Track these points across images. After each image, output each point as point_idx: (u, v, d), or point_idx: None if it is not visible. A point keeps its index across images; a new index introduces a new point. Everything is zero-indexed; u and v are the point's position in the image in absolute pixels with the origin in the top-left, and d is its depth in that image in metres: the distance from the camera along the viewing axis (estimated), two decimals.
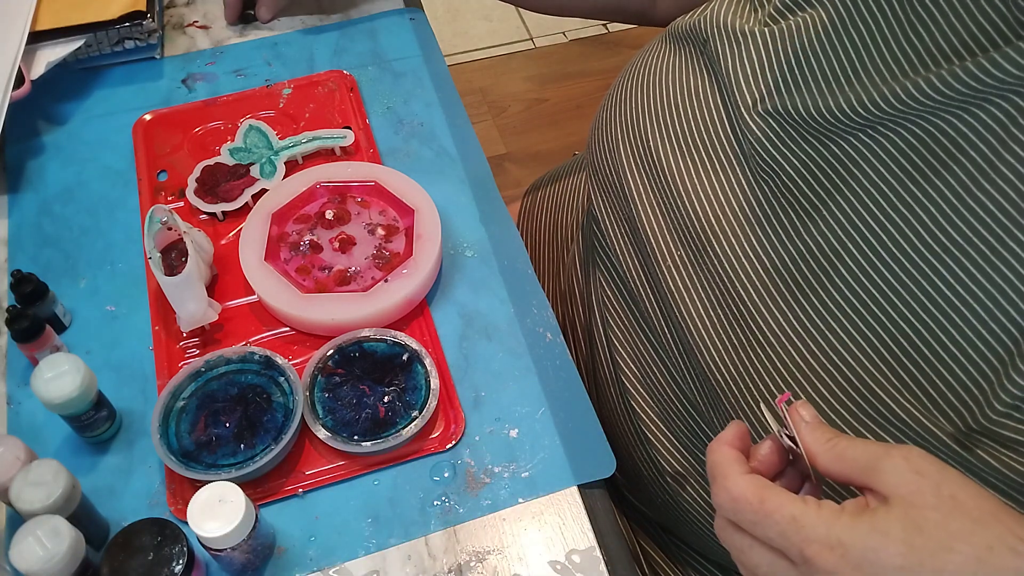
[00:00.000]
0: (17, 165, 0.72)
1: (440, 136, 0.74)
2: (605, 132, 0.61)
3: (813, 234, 0.46)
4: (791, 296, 0.47)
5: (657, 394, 0.59)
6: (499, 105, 1.89)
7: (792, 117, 0.47)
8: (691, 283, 0.53)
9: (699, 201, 0.52)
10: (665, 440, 0.59)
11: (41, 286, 0.59)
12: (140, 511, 0.54)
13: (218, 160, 0.70)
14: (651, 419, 0.60)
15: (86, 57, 0.78)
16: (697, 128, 0.53)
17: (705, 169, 0.52)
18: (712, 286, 0.51)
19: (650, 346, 0.59)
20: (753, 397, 0.48)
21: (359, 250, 0.65)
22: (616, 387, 0.63)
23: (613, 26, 2.07)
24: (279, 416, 0.56)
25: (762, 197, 0.49)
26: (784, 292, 0.47)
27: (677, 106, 0.55)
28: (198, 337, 0.62)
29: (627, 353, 0.62)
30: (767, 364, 0.47)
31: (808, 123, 0.46)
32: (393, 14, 0.84)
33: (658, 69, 0.58)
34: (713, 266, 0.51)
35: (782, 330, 0.47)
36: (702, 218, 0.52)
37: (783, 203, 0.48)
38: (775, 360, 0.47)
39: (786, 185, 0.48)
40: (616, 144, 0.59)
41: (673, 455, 0.58)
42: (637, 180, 0.57)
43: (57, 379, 0.51)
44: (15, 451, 0.50)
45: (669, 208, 0.54)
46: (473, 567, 0.52)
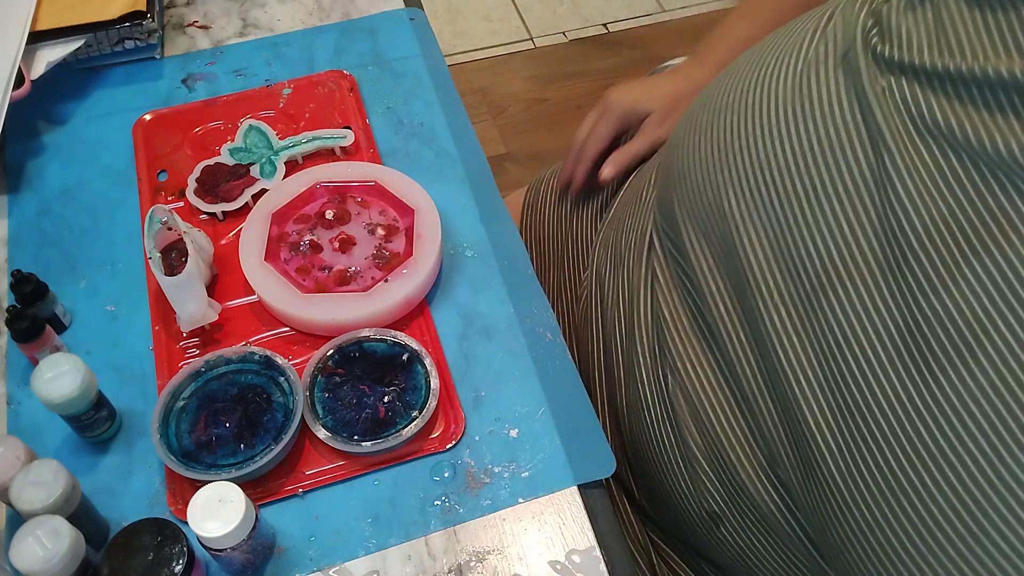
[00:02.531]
0: (17, 165, 0.72)
1: (440, 136, 0.74)
2: (701, 137, 0.53)
3: (954, 295, 0.38)
4: (915, 368, 0.40)
5: (715, 431, 0.53)
6: (499, 105, 1.89)
7: (960, 143, 0.39)
8: (795, 329, 0.45)
9: (820, 237, 0.44)
10: (709, 480, 0.54)
11: (41, 286, 0.59)
12: (140, 511, 0.54)
13: (218, 160, 0.70)
14: (701, 454, 0.55)
15: (86, 57, 0.78)
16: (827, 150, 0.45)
17: (830, 200, 0.44)
18: (820, 338, 0.44)
19: (725, 382, 0.52)
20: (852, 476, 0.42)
21: (359, 250, 0.65)
22: (663, 407, 0.57)
23: (613, 26, 2.07)
24: (279, 416, 0.56)
25: (894, 244, 0.41)
26: (907, 362, 0.40)
27: (800, 118, 0.46)
28: (198, 337, 0.62)
29: (689, 379, 0.55)
30: (879, 441, 0.41)
31: (977, 153, 0.38)
32: (393, 14, 0.84)
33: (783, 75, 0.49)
34: (825, 316, 0.44)
35: (902, 407, 0.40)
36: (822, 257, 0.44)
37: (919, 254, 0.40)
38: (890, 438, 0.40)
39: (927, 232, 0.40)
40: (715, 152, 0.51)
41: (714, 496, 0.54)
42: (741, 199, 0.49)
43: (57, 379, 0.51)
44: (15, 451, 0.50)
45: (779, 238, 0.46)
46: (473, 567, 0.52)
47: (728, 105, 0.52)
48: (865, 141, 0.43)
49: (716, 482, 0.54)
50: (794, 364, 0.45)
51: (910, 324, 0.40)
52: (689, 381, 0.54)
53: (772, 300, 0.47)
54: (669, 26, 2.07)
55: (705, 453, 0.54)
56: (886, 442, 0.40)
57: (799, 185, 0.45)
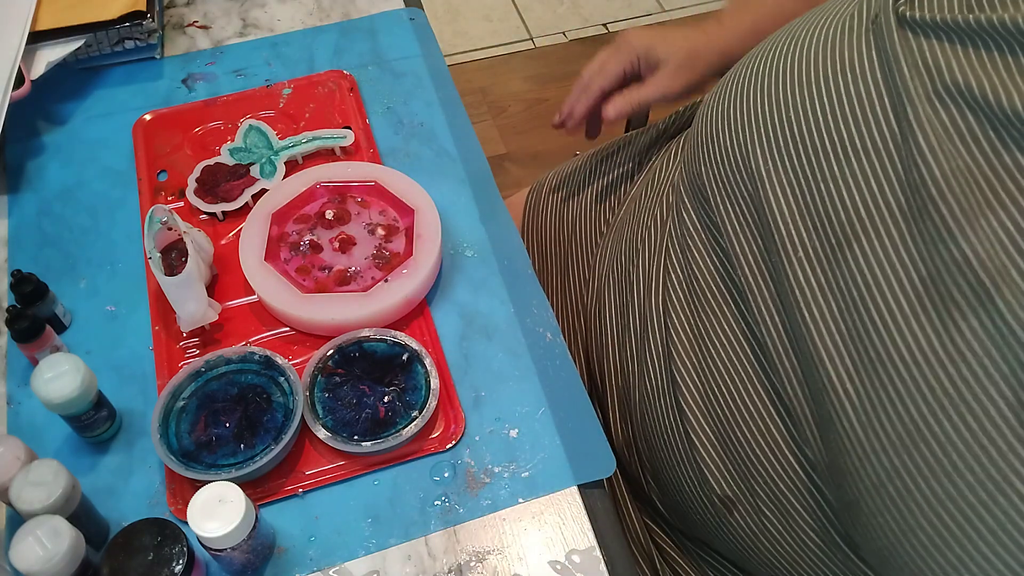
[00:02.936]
0: (17, 165, 0.72)
1: (440, 136, 0.74)
2: (732, 103, 0.55)
3: (973, 243, 0.40)
4: (936, 316, 0.41)
5: (734, 400, 0.54)
6: (499, 105, 1.89)
7: (978, 101, 0.41)
8: (819, 283, 0.47)
9: (846, 190, 0.46)
10: (721, 462, 0.55)
11: (41, 286, 0.59)
12: (140, 511, 0.54)
13: (218, 160, 0.70)
14: (714, 435, 0.55)
15: (86, 57, 0.78)
16: (856, 108, 0.47)
17: (857, 155, 0.46)
18: (844, 291, 0.45)
19: (749, 347, 0.53)
20: (872, 426, 0.43)
21: (359, 250, 0.65)
22: (670, 395, 0.58)
23: (613, 26, 2.07)
24: (279, 416, 0.56)
25: (916, 195, 0.43)
26: (929, 310, 0.41)
27: (830, 79, 0.49)
28: (198, 337, 0.62)
29: (690, 357, 0.57)
30: (899, 390, 0.42)
31: (993, 111, 0.40)
32: (393, 14, 0.84)
33: (815, 40, 0.51)
34: (849, 268, 0.45)
35: (923, 355, 0.41)
36: (847, 209, 0.46)
37: (939, 204, 0.41)
38: (910, 386, 0.41)
39: (948, 183, 0.41)
40: (747, 116, 0.53)
41: (727, 479, 0.55)
42: (770, 158, 0.51)
43: (57, 379, 0.51)
44: (15, 451, 0.50)
45: (806, 194, 0.48)
46: (473, 567, 0.52)
47: (759, 71, 0.54)
48: (890, 99, 0.45)
49: (728, 463, 0.54)
50: (816, 318, 0.46)
51: (931, 272, 0.41)
52: (690, 356, 0.56)
53: (797, 255, 0.48)
54: (669, 26, 2.07)
55: (719, 432, 0.55)
56: (907, 391, 0.41)
57: (827, 142, 0.47)
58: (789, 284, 0.48)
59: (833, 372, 0.45)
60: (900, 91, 0.45)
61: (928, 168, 0.42)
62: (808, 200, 0.48)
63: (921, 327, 0.41)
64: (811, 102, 0.49)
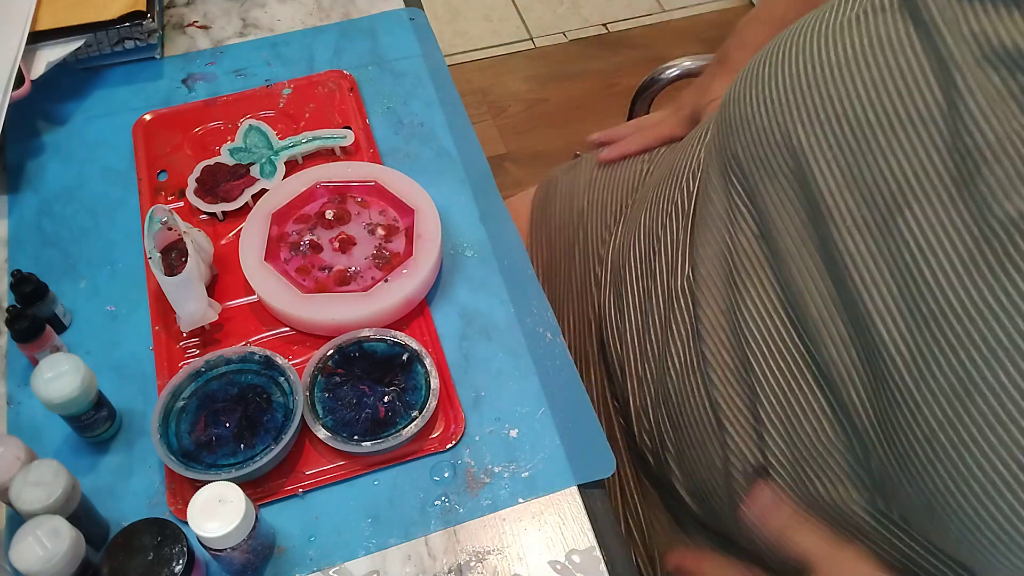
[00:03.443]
0: (17, 165, 0.72)
1: (440, 136, 0.74)
2: (764, 85, 0.56)
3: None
4: (989, 271, 0.42)
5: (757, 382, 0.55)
6: (499, 105, 1.89)
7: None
8: (870, 250, 0.48)
9: (894, 160, 0.47)
10: (753, 434, 0.56)
11: (41, 286, 0.59)
12: (140, 511, 0.54)
13: (218, 160, 0.70)
14: (739, 414, 0.56)
15: (86, 57, 0.78)
16: (898, 81, 0.48)
17: (903, 126, 0.47)
18: (896, 255, 0.47)
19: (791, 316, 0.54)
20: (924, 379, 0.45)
21: (359, 250, 0.65)
22: (699, 372, 0.59)
23: (613, 26, 2.07)
24: (279, 416, 0.56)
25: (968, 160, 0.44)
26: (982, 266, 0.43)
27: (867, 54, 0.50)
28: (198, 337, 0.62)
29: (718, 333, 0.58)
30: (952, 343, 0.43)
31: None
32: (393, 14, 0.84)
33: (842, 21, 0.53)
34: (900, 233, 0.47)
35: (976, 309, 0.42)
36: (896, 179, 0.47)
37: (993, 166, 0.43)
38: (963, 339, 0.43)
39: (1002, 146, 0.43)
40: (782, 96, 0.54)
41: (760, 451, 0.55)
42: (812, 134, 0.52)
43: (57, 379, 0.51)
44: (15, 451, 0.50)
45: (853, 167, 0.49)
46: (473, 567, 0.52)
47: (788, 54, 0.55)
48: (933, 70, 0.46)
49: (763, 434, 0.55)
50: (868, 283, 0.48)
51: (984, 231, 0.43)
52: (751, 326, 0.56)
53: (846, 224, 0.49)
54: (669, 26, 2.07)
55: (751, 404, 0.56)
56: (960, 343, 0.43)
57: (871, 115, 0.49)
58: (838, 252, 0.50)
59: (885, 331, 0.46)
60: (946, 60, 0.46)
61: (981, 132, 0.43)
62: (855, 172, 0.49)
63: (974, 282, 0.43)
64: (851, 77, 0.50)
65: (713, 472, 0.58)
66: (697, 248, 0.61)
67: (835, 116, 0.51)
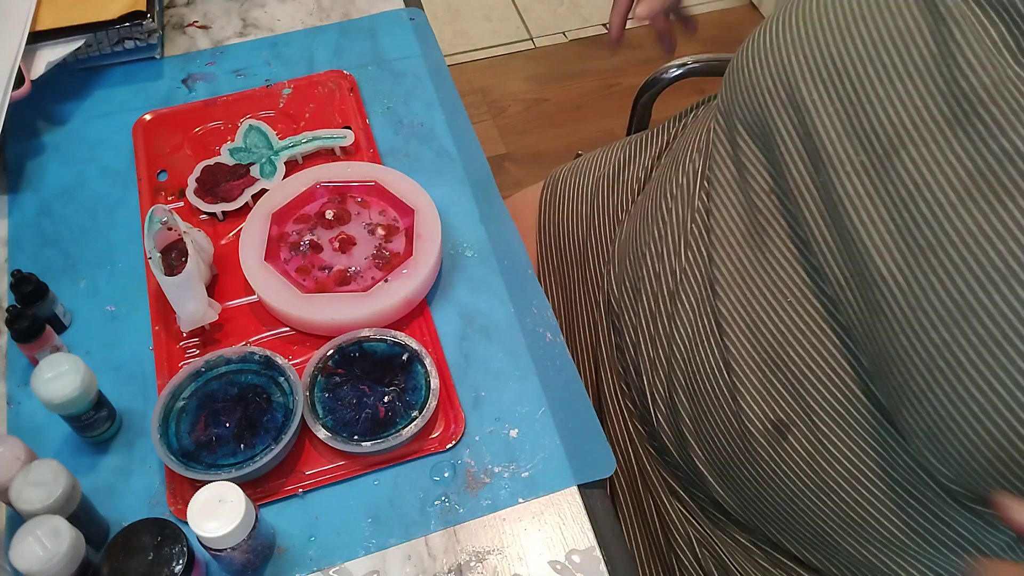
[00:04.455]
0: (17, 165, 0.72)
1: (440, 136, 0.74)
2: (769, 51, 0.59)
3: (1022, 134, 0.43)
4: (984, 201, 0.44)
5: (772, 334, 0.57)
6: (499, 105, 1.89)
7: (1020, 13, 0.44)
8: (867, 191, 0.51)
9: (892, 108, 0.50)
10: (770, 389, 0.57)
11: (41, 286, 0.59)
12: (140, 511, 0.54)
13: (218, 160, 0.70)
14: (754, 369, 0.58)
15: (86, 57, 0.78)
16: (896, 37, 0.51)
17: (900, 78, 0.50)
18: (892, 193, 0.49)
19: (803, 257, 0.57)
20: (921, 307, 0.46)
21: (359, 250, 0.65)
22: (712, 332, 0.61)
23: None
24: (279, 416, 0.56)
25: (963, 103, 0.46)
26: (977, 197, 0.44)
27: (866, 15, 0.53)
28: (198, 337, 0.62)
29: (734, 290, 0.60)
30: (948, 269, 0.45)
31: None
32: (393, 14, 0.84)
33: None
34: (897, 173, 0.49)
35: (971, 236, 0.44)
36: (893, 124, 0.50)
37: (989, 106, 0.45)
38: (959, 265, 0.44)
39: (997, 88, 0.45)
40: (787, 57, 0.57)
41: (778, 404, 0.57)
42: (814, 89, 0.55)
43: (57, 379, 0.51)
44: (15, 451, 0.50)
45: (852, 117, 0.52)
46: (473, 567, 0.52)
47: (790, 20, 0.58)
48: (930, 26, 0.49)
49: (779, 387, 0.57)
50: (865, 221, 0.50)
51: (978, 165, 0.44)
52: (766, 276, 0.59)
53: (845, 169, 0.52)
54: None
55: (766, 359, 0.57)
56: (956, 269, 0.44)
57: (871, 69, 0.52)
58: (838, 195, 0.52)
59: (883, 265, 0.49)
60: (944, 16, 0.48)
61: (976, 77, 0.45)
62: (855, 122, 0.52)
63: (969, 212, 0.44)
64: (851, 37, 0.53)
65: (731, 436, 0.59)
66: (712, 211, 0.63)
67: (836, 72, 0.54)
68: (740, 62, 0.62)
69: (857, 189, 0.52)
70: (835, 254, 0.53)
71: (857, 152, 0.52)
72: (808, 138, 0.55)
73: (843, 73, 0.54)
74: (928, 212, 0.47)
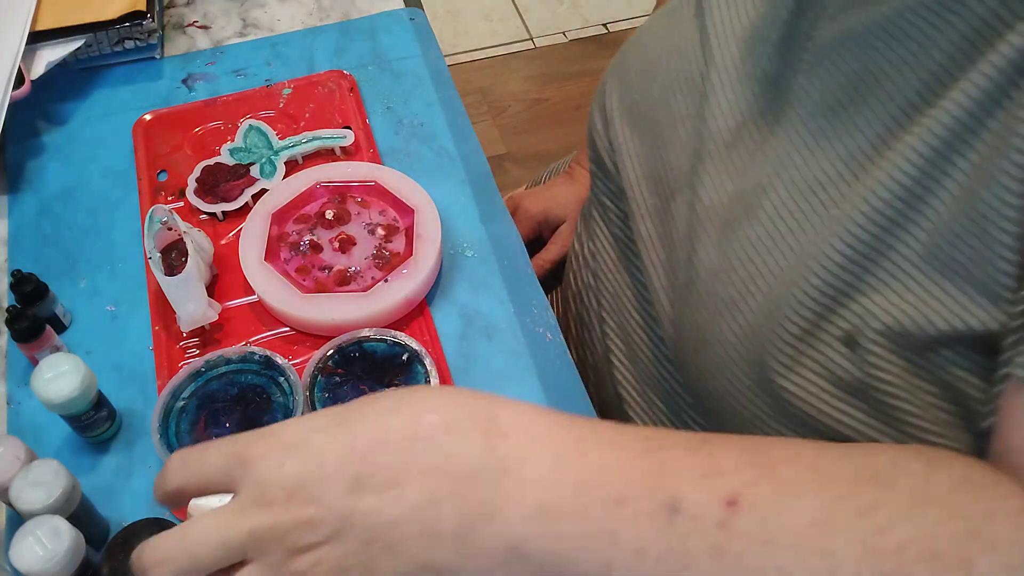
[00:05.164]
0: (17, 165, 0.72)
1: (440, 136, 0.74)
2: (604, 93, 0.63)
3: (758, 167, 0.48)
4: (721, 237, 0.49)
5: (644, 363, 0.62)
6: (499, 105, 1.89)
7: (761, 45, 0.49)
8: (654, 234, 0.57)
9: (671, 150, 0.55)
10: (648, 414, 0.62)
11: (41, 286, 0.59)
12: (140, 511, 0.54)
13: (218, 160, 0.70)
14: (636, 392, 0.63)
15: (86, 57, 0.78)
16: (679, 83, 0.55)
17: (681, 117, 0.54)
18: (666, 237, 0.55)
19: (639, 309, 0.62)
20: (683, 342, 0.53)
21: (359, 250, 0.65)
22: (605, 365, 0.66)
23: (613, 26, 2.07)
24: (279, 416, 0.56)
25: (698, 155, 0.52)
26: (713, 233, 0.49)
27: (662, 64, 0.57)
28: (198, 337, 0.62)
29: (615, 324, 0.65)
30: (694, 304, 0.50)
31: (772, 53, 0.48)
32: (393, 14, 0.84)
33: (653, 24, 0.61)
34: (672, 217, 0.54)
35: (709, 271, 0.49)
36: (673, 168, 0.54)
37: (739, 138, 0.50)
38: (703, 299, 0.50)
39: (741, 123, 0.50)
40: (611, 93, 0.61)
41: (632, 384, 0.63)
42: (622, 129, 0.60)
43: (57, 379, 0.51)
44: (15, 451, 0.50)
45: (647, 163, 0.57)
46: None
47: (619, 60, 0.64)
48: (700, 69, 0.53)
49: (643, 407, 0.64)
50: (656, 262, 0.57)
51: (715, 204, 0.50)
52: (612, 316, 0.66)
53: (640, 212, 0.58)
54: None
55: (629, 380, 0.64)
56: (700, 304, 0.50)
57: (663, 113, 0.56)
58: (638, 235, 0.58)
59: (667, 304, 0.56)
60: (708, 58, 0.53)
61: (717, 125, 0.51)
62: (649, 165, 0.57)
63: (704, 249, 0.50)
64: (651, 81, 0.57)
65: None
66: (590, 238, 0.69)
67: (639, 115, 0.58)
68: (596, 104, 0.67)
69: (650, 231, 0.57)
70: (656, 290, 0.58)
71: (652, 195, 0.56)
72: (619, 183, 0.60)
73: (642, 116, 0.57)
74: (682, 255, 0.51)
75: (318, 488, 0.35)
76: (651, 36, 0.60)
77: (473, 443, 0.36)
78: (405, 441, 0.35)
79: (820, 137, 0.45)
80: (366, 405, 0.37)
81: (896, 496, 0.35)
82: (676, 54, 0.56)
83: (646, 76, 0.58)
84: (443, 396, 0.38)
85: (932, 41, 0.40)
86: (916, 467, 0.36)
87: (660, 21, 0.60)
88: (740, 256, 0.47)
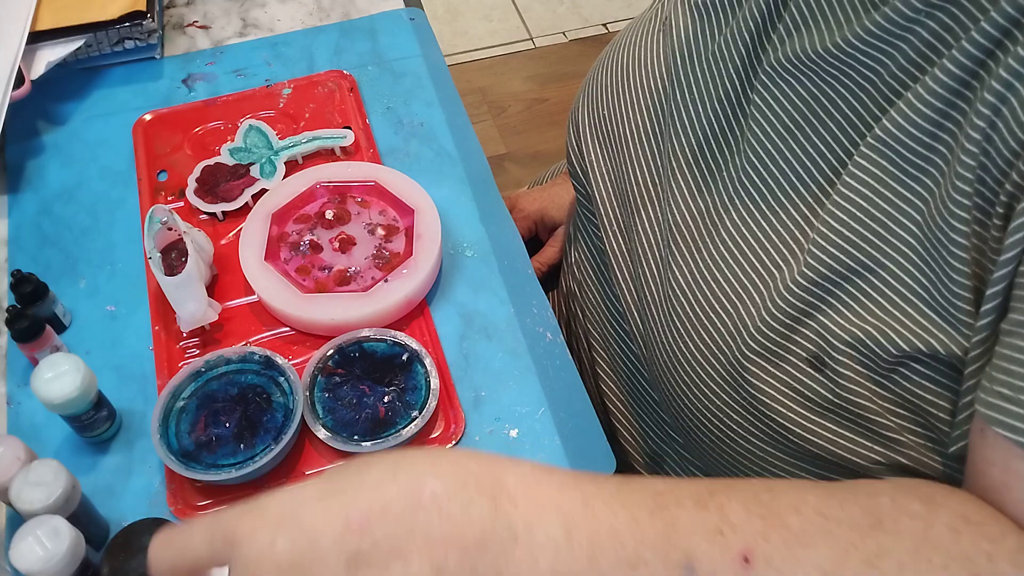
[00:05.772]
0: (17, 165, 0.72)
1: (440, 136, 0.74)
2: (577, 111, 0.64)
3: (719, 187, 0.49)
4: (694, 247, 0.49)
5: (624, 376, 0.62)
6: (499, 105, 1.89)
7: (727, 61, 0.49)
8: (622, 250, 0.58)
9: (637, 166, 0.55)
10: (633, 426, 0.62)
11: (41, 286, 0.59)
12: (140, 511, 0.54)
13: (218, 160, 0.70)
14: (620, 404, 0.64)
15: (86, 57, 0.78)
16: (645, 99, 0.55)
17: (647, 133, 0.55)
18: (632, 253, 0.55)
19: (614, 322, 0.63)
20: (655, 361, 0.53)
21: (359, 250, 0.65)
22: (592, 377, 0.65)
23: (613, 26, 2.07)
24: (279, 416, 0.56)
25: (665, 172, 0.53)
26: (684, 245, 0.50)
27: (630, 79, 0.57)
28: (198, 337, 0.62)
29: (598, 335, 0.65)
30: (667, 318, 0.51)
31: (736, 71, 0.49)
32: (393, 14, 0.84)
33: (622, 37, 0.62)
34: (637, 233, 0.55)
35: (678, 277, 0.50)
36: (639, 184, 0.55)
37: (699, 158, 0.51)
38: (671, 316, 0.51)
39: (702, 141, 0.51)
40: (582, 111, 0.62)
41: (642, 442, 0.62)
42: (591, 146, 0.60)
43: (57, 379, 0.51)
44: (15, 451, 0.50)
45: (616, 175, 0.58)
46: None
47: (591, 78, 0.64)
48: (670, 86, 0.54)
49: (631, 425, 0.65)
50: (627, 278, 0.57)
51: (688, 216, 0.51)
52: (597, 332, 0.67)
53: (611, 229, 0.59)
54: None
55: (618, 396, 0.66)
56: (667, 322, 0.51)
57: (630, 130, 0.57)
58: (610, 251, 0.59)
59: (636, 320, 0.56)
60: (672, 76, 0.53)
61: (680, 142, 0.51)
62: (616, 182, 0.58)
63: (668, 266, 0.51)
64: (618, 97, 0.58)
65: None
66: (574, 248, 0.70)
67: (606, 132, 0.59)
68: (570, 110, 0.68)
69: (619, 247, 0.57)
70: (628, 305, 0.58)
71: (619, 210, 0.57)
72: (591, 200, 0.60)
73: (608, 131, 0.58)
74: (648, 272, 0.52)
75: (314, 567, 0.32)
76: (620, 50, 0.60)
77: (480, 509, 0.34)
78: (406, 510, 0.33)
79: (780, 158, 0.46)
80: (360, 472, 0.35)
81: (901, 543, 0.35)
82: (642, 69, 0.56)
83: (612, 91, 0.59)
84: (443, 459, 0.36)
85: (883, 66, 0.41)
86: (916, 508, 0.36)
87: (628, 35, 0.61)
88: (704, 276, 0.48)
